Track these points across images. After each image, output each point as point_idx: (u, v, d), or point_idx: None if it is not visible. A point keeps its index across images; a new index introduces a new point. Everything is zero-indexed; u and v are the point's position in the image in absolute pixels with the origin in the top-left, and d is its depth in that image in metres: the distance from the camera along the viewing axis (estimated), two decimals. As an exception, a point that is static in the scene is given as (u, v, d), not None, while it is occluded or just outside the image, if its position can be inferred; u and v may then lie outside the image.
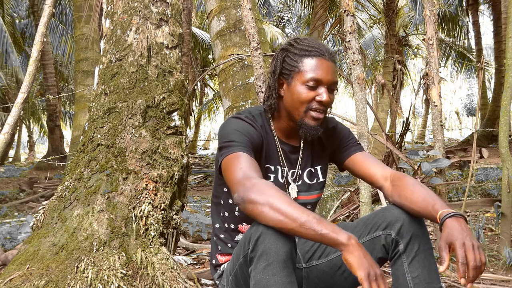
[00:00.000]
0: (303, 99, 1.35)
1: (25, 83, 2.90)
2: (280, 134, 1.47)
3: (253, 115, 1.44)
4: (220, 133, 1.40)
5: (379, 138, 2.71)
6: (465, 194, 3.00)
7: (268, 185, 1.17)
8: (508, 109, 2.84)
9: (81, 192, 2.00)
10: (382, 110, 9.57)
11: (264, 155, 1.43)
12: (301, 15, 14.48)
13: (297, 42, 1.40)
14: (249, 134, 1.36)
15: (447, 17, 13.83)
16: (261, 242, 1.13)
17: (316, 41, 1.41)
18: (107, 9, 2.36)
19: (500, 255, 2.76)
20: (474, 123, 21.53)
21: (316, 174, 1.53)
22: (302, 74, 1.35)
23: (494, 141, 9.92)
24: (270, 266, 1.11)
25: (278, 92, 1.42)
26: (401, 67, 10.01)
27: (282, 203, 1.12)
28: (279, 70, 1.40)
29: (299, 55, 1.37)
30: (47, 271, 1.76)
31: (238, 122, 1.39)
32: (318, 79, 1.34)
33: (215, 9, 3.99)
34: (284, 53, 1.40)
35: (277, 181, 1.46)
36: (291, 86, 1.38)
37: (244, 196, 1.16)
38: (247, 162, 1.26)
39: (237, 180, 1.21)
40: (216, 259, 1.54)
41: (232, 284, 1.34)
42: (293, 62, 1.37)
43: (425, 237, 1.31)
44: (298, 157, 1.49)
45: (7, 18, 13.37)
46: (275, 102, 1.42)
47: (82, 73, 7.57)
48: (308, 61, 1.35)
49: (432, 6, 2.63)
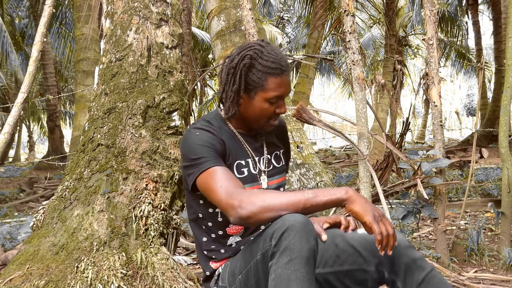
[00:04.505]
0: (265, 114, 1.43)
1: (25, 83, 2.90)
2: (239, 129, 1.52)
3: (207, 120, 1.48)
4: (183, 151, 1.42)
5: (379, 138, 2.71)
6: (465, 194, 3.00)
7: (252, 193, 1.26)
8: (508, 109, 2.85)
9: (81, 192, 2.00)
10: (382, 110, 9.56)
11: (231, 155, 1.45)
12: (301, 15, 14.46)
13: (260, 56, 1.38)
14: (211, 143, 1.39)
15: (446, 17, 13.82)
16: (286, 238, 1.15)
17: (278, 52, 1.41)
18: (107, 9, 2.36)
19: (500, 255, 2.76)
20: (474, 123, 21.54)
21: (281, 157, 1.61)
22: (266, 92, 1.39)
23: (494, 141, 9.92)
24: (292, 261, 1.13)
25: (238, 102, 1.44)
26: (401, 67, 10.01)
27: (275, 200, 1.21)
28: (243, 87, 1.40)
29: (263, 72, 1.37)
30: (47, 271, 1.76)
31: (197, 135, 1.40)
32: (281, 96, 1.42)
33: (215, 9, 3.99)
34: (246, 69, 1.38)
35: (251, 173, 1.49)
36: (253, 100, 1.42)
37: (240, 216, 1.22)
38: (222, 176, 1.31)
39: (223, 202, 1.26)
40: (210, 268, 1.52)
41: (240, 283, 1.33)
42: (257, 78, 1.38)
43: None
44: (262, 143, 1.55)
45: (6, 18, 13.37)
46: (236, 112, 1.44)
47: (82, 73, 7.57)
48: (273, 80, 1.38)
49: (432, 6, 2.63)
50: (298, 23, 17.47)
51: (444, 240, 2.66)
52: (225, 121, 1.51)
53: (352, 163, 10.14)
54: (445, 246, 2.65)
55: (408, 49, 14.73)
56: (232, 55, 1.43)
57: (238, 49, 1.44)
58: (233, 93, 1.41)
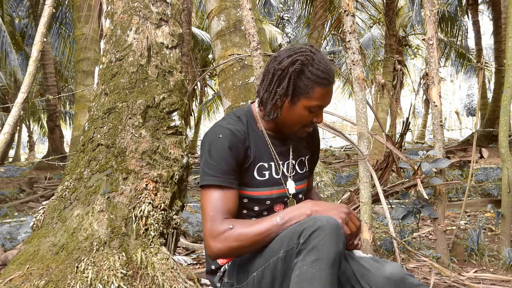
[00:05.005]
0: (303, 121, 1.42)
1: (25, 83, 2.90)
2: (269, 130, 1.49)
3: (238, 116, 1.46)
4: (201, 147, 1.43)
5: (379, 138, 2.71)
6: (465, 194, 3.00)
7: (230, 230, 1.29)
8: (508, 109, 2.85)
9: (81, 192, 2.00)
10: (382, 110, 9.56)
11: (254, 156, 1.43)
12: (300, 15, 14.46)
13: (311, 64, 1.35)
14: (229, 153, 1.35)
15: (446, 17, 13.82)
16: (315, 237, 1.16)
17: (327, 62, 1.38)
18: (107, 9, 2.36)
19: (500, 255, 2.76)
20: (474, 123, 21.53)
21: (305, 163, 1.59)
22: (310, 101, 1.36)
23: (494, 141, 9.92)
24: (319, 261, 1.14)
25: (281, 106, 1.40)
26: (401, 67, 10.00)
27: (247, 230, 1.28)
28: (290, 92, 1.36)
29: (312, 80, 1.34)
30: (47, 271, 1.76)
31: (219, 137, 1.36)
32: (323, 106, 1.40)
33: (215, 9, 3.99)
34: (296, 74, 1.35)
35: (272, 178, 1.46)
36: (294, 106, 1.38)
37: (216, 253, 1.30)
38: (217, 200, 1.34)
39: (206, 231, 1.32)
40: (216, 263, 1.51)
41: (253, 281, 1.33)
42: (304, 86, 1.35)
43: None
44: (288, 148, 1.52)
45: (6, 18, 13.37)
46: (277, 115, 1.41)
47: (82, 73, 7.57)
48: (319, 89, 1.35)
49: (432, 6, 2.63)
50: (298, 23, 17.47)
51: (444, 240, 2.66)
52: (256, 119, 1.48)
53: (352, 163, 10.14)
54: (445, 246, 2.65)
55: (408, 49, 14.73)
56: (281, 57, 1.38)
57: (287, 52, 1.39)
58: (278, 96, 1.37)
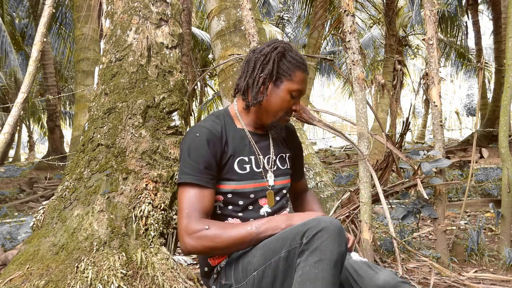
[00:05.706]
0: (285, 106, 1.47)
1: (25, 83, 2.90)
2: (249, 126, 1.54)
3: (216, 116, 1.52)
4: (180, 146, 1.48)
5: (379, 138, 2.71)
6: (465, 194, 3.00)
7: (206, 230, 1.32)
8: (508, 109, 2.85)
9: (81, 192, 2.00)
10: (382, 110, 9.56)
11: (233, 150, 1.47)
12: (300, 15, 14.47)
13: (290, 50, 1.46)
14: (206, 150, 1.40)
15: (446, 17, 13.82)
16: (319, 238, 1.17)
17: (301, 54, 1.50)
18: (107, 9, 2.36)
19: (500, 255, 2.76)
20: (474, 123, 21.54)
21: (286, 160, 1.62)
22: (293, 84, 1.45)
23: (494, 141, 9.92)
24: (321, 261, 1.15)
25: (266, 88, 1.47)
26: (401, 67, 10.00)
27: (222, 233, 1.31)
28: (275, 71, 1.45)
29: (293, 64, 1.45)
30: (47, 271, 1.76)
31: (196, 136, 1.42)
32: (302, 91, 1.48)
33: (215, 9, 3.99)
34: (279, 57, 1.45)
35: (253, 171, 1.49)
36: (278, 89, 1.46)
37: (190, 250, 1.33)
38: (192, 198, 1.37)
39: (181, 227, 1.35)
40: (208, 265, 1.51)
41: (254, 280, 1.32)
42: (287, 69, 1.45)
43: None
44: (269, 143, 1.57)
45: (6, 18, 13.37)
46: (262, 98, 1.47)
47: (82, 73, 7.56)
48: (299, 73, 1.46)
49: (432, 6, 2.63)
50: (298, 23, 17.46)
51: (444, 240, 2.66)
52: (234, 118, 1.54)
53: (352, 163, 10.14)
54: (445, 246, 2.65)
55: (408, 49, 14.73)
56: (260, 48, 1.49)
57: (265, 43, 1.50)
58: (262, 80, 1.45)
